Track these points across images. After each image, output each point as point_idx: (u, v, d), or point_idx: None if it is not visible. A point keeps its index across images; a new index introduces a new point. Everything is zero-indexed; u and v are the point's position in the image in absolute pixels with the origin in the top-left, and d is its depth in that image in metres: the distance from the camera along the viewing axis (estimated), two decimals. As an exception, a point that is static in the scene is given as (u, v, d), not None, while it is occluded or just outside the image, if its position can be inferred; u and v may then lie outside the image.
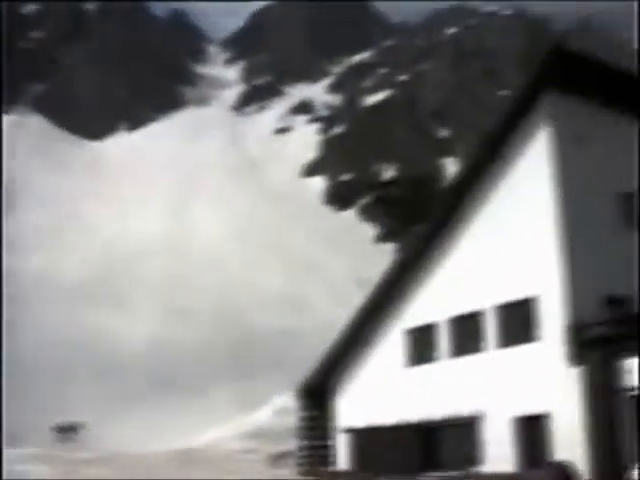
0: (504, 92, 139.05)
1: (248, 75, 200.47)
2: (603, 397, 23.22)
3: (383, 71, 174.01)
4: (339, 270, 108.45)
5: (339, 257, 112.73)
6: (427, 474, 28.50)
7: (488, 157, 28.82)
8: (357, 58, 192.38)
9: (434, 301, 30.41)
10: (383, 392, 31.66)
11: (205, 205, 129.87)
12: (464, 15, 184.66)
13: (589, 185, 27.05)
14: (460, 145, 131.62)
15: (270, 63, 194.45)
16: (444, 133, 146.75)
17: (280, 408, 57.19)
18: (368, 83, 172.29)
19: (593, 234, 26.47)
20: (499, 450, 26.29)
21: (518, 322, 27.01)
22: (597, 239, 26.51)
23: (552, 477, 23.48)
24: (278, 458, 47.72)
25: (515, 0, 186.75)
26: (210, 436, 59.52)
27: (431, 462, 29.09)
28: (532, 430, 25.57)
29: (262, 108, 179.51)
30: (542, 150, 27.01)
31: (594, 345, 23.82)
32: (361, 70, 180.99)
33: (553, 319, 25.37)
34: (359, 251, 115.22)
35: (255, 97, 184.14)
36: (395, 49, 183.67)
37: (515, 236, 27.43)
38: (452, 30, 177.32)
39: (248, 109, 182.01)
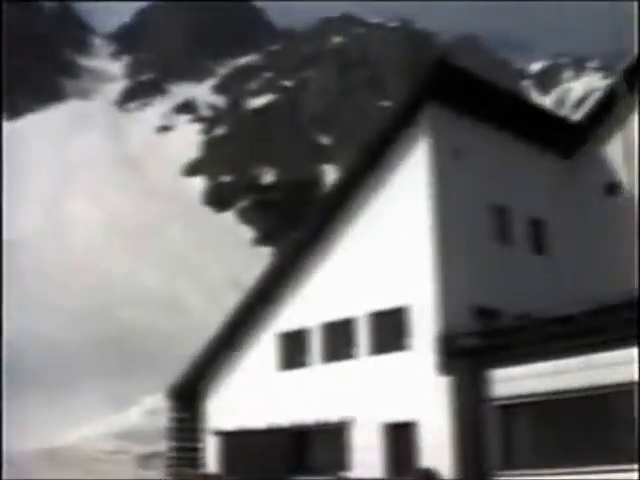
0: (386, 103, 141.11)
1: (132, 71, 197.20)
2: (470, 406, 23.75)
3: (268, 75, 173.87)
4: (215, 271, 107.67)
5: (216, 258, 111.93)
6: (297, 478, 28.55)
7: (367, 166, 29.12)
8: (243, 60, 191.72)
9: (308, 306, 30.51)
10: (255, 395, 31.54)
11: (81, 200, 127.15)
12: (350, 24, 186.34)
13: (465, 198, 27.68)
14: (341, 153, 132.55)
15: (154, 60, 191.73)
16: (325, 140, 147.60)
17: (151, 408, 56.25)
18: (252, 86, 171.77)
19: (466, 246, 27.07)
20: (368, 456, 26.53)
21: (390, 330, 27.38)
22: (470, 251, 27.13)
23: (418, 483, 23.94)
24: (147, 459, 46.96)
25: None
26: (78, 435, 58.09)
27: (301, 466, 29.15)
28: (401, 437, 25.91)
29: (145, 105, 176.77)
30: (420, 161, 27.45)
31: (463, 355, 24.36)
32: (246, 73, 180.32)
33: (424, 328, 25.80)
34: (236, 253, 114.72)
35: (138, 93, 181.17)
36: (281, 54, 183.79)
37: (390, 245, 27.78)
38: (338, 39, 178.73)
39: (131, 105, 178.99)
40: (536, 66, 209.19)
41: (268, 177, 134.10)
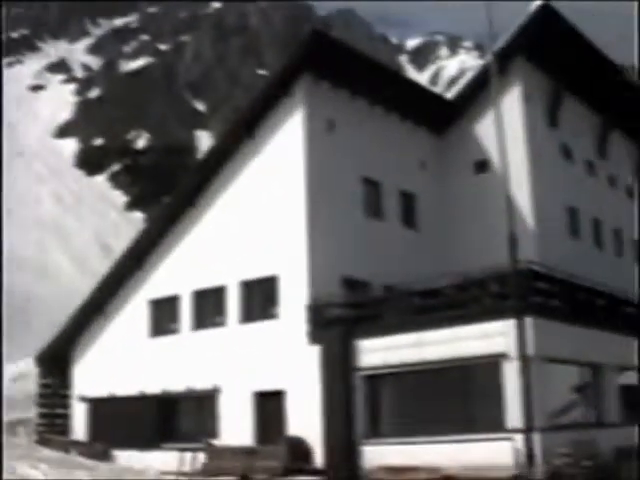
0: (263, 71, 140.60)
1: (4, 26, 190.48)
2: (339, 376, 24.10)
3: (144, 38, 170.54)
4: (86, 236, 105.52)
5: (86, 223, 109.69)
6: (166, 445, 28.50)
7: (242, 134, 29.05)
8: (119, 22, 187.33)
9: (179, 273, 30.35)
10: (125, 362, 31.22)
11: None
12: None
13: (337, 170, 27.96)
14: (215, 119, 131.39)
15: (27, 16, 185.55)
16: (200, 106, 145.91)
17: (19, 374, 54.99)
18: (128, 49, 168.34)
19: (337, 218, 27.40)
20: (237, 424, 26.73)
21: (260, 299, 27.57)
22: (341, 223, 27.48)
23: (286, 452, 24.21)
24: (14, 426, 45.96)
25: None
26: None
27: (170, 434, 29.13)
28: (270, 405, 26.17)
29: (17, 62, 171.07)
30: (294, 132, 27.54)
31: (332, 325, 24.69)
32: (122, 34, 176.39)
33: (294, 298, 26.03)
34: (107, 218, 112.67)
35: (10, 50, 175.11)
36: (158, 17, 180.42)
37: (262, 215, 27.83)
38: (216, 5, 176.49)
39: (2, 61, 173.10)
40: (413, 42, 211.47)
41: (141, 142, 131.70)
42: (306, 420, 24.53)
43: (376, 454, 22.63)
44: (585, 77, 33.79)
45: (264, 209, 27.82)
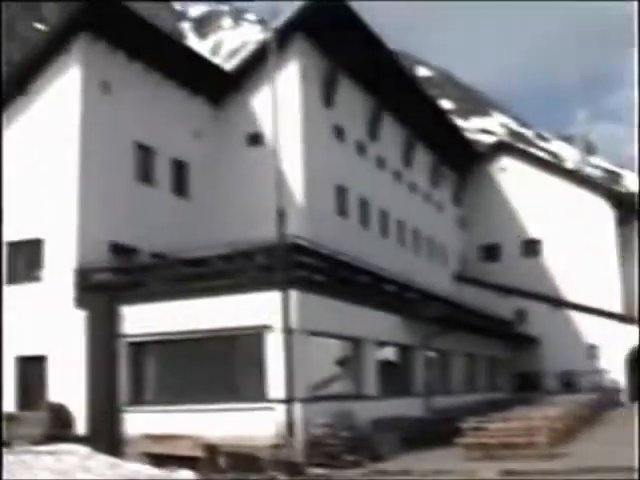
0: (41, 26, 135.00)
1: None
2: (104, 342, 23.70)
3: None
4: None
5: None
6: None
7: (15, 89, 27.78)
8: None
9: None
10: None
11: None
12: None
13: (110, 133, 27.34)
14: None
15: None
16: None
17: None
18: None
19: (108, 182, 26.81)
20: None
21: (26, 261, 26.54)
22: (111, 187, 26.93)
23: (48, 418, 23.57)
24: None
25: None
26: None
27: None
28: (32, 371, 25.29)
29: None
30: (69, 91, 26.69)
31: (98, 290, 24.22)
32: None
33: (61, 262, 25.28)
34: None
35: None
36: None
37: (32, 175, 26.73)
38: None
39: None
40: (196, 10, 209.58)
41: None
42: (69, 386, 23.95)
43: (139, 422, 22.46)
44: (360, 60, 34.70)
45: (34, 170, 26.70)
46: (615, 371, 44.93)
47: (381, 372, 27.00)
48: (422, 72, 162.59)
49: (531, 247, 51.22)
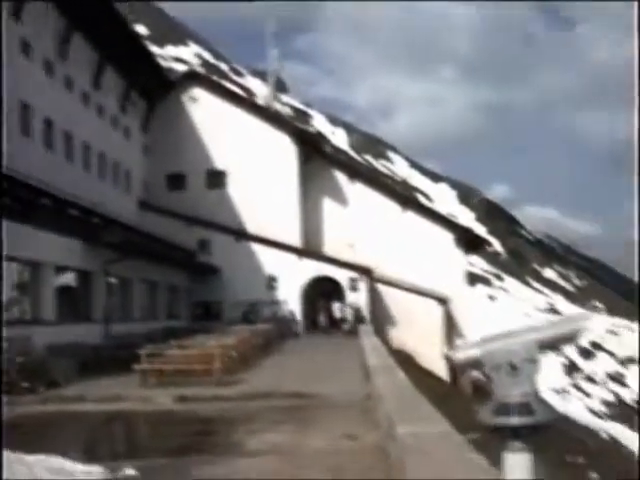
0: None
1: None
2: None
3: None
4: None
5: None
6: None
7: None
8: None
9: None
10: None
11: None
12: None
13: None
14: None
15: None
16: None
17: None
18: None
19: None
20: None
21: None
22: None
23: None
24: None
25: None
26: None
27: None
28: None
29: None
30: None
31: None
32: None
33: None
34: None
35: None
36: None
37: None
38: None
39: None
40: None
41: None
42: None
43: None
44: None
45: None
46: (292, 302, 47.08)
47: (60, 297, 26.53)
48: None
49: (217, 178, 51.79)
